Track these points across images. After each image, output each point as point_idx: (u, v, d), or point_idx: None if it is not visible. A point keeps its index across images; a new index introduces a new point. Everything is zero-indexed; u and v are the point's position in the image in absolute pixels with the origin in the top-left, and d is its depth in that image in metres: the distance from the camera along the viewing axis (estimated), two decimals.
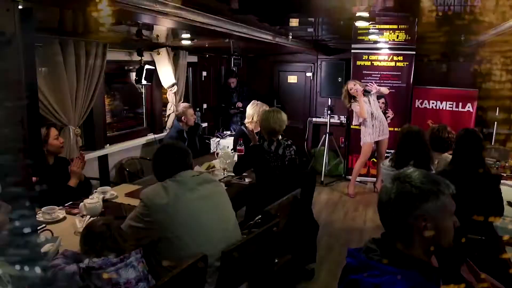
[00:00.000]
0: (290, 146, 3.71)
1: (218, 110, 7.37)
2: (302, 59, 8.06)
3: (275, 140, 3.68)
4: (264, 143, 3.70)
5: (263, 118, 3.73)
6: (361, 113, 6.08)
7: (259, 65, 8.40)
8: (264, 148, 3.67)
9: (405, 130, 3.80)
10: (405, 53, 6.72)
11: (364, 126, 6.28)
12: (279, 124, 3.68)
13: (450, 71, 7.29)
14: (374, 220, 5.61)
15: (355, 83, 6.13)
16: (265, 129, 3.72)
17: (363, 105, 6.05)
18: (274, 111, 3.76)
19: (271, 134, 3.70)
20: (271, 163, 3.63)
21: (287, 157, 3.65)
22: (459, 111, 6.71)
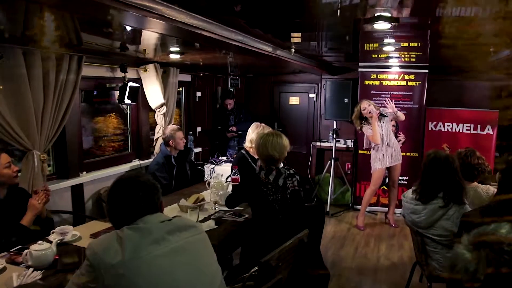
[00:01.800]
0: (293, 175, 3.10)
1: (214, 133, 6.77)
2: (304, 79, 7.52)
3: (275, 169, 3.07)
4: (261, 173, 3.09)
5: (259, 143, 3.12)
6: (374, 138, 5.48)
7: (258, 85, 7.85)
8: (261, 178, 3.05)
9: (431, 156, 3.18)
10: (417, 72, 6.16)
11: (375, 151, 5.67)
12: (279, 150, 3.08)
13: (466, 90, 6.73)
14: (388, 257, 4.95)
15: (369, 104, 5.56)
16: (262, 156, 3.12)
17: (376, 130, 5.45)
18: (273, 134, 3.16)
19: (269, 162, 3.10)
20: (269, 196, 3.00)
21: (289, 189, 3.03)
22: (477, 134, 6.10)
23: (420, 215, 3.15)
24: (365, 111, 5.49)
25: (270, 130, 3.51)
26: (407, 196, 3.34)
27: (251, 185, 3.07)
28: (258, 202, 3.04)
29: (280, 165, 3.16)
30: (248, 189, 3.08)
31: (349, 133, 7.16)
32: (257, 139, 3.20)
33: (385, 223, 6.12)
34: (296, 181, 3.09)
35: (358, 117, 5.59)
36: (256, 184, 3.03)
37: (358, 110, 5.56)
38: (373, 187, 5.78)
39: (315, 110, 7.54)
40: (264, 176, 3.04)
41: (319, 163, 7.45)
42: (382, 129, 5.56)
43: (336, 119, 6.68)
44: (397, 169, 5.76)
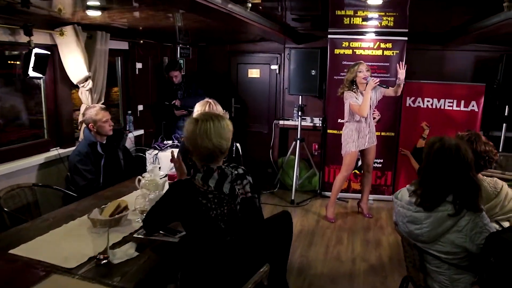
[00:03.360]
0: (243, 176, 2.20)
1: (160, 112, 5.75)
2: (266, 48, 6.56)
3: (216, 170, 2.16)
4: (197, 177, 2.14)
5: (194, 132, 2.16)
6: (362, 110, 4.63)
7: (212, 56, 6.84)
8: (197, 186, 2.12)
9: (436, 145, 2.34)
10: (395, 39, 5.35)
11: (348, 131, 4.84)
12: (219, 139, 2.15)
13: (448, 61, 5.98)
14: (365, 258, 4.20)
15: (368, 68, 4.73)
16: (199, 152, 2.17)
17: (368, 100, 4.63)
18: (212, 117, 2.20)
19: (209, 158, 2.18)
20: (210, 211, 2.08)
21: (238, 197, 2.13)
22: (461, 111, 5.38)
23: (421, 225, 2.33)
24: (361, 74, 4.65)
25: (208, 112, 2.57)
26: (401, 198, 2.51)
27: (182, 197, 2.13)
28: (194, 221, 2.11)
29: (222, 162, 2.25)
30: (178, 203, 2.14)
31: (316, 110, 6.31)
32: (190, 125, 2.19)
33: (357, 212, 5.39)
34: (248, 184, 2.19)
35: (350, 80, 4.73)
36: (190, 194, 2.10)
37: (354, 71, 4.69)
38: (345, 173, 4.99)
39: (278, 83, 6.63)
40: (202, 181, 2.11)
41: (282, 144, 6.60)
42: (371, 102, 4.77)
43: (302, 94, 5.81)
44: (372, 152, 4.99)
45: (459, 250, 2.27)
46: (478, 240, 2.22)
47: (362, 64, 4.68)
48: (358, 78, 4.66)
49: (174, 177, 2.70)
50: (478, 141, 2.90)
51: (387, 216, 5.33)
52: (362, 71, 4.63)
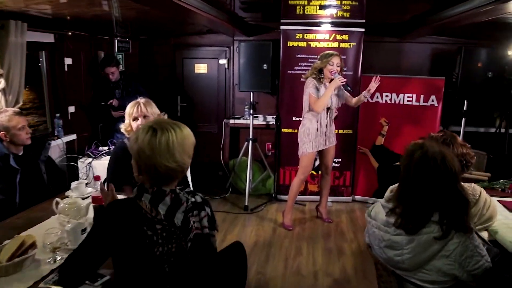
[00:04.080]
0: (201, 206, 1.71)
1: (95, 113, 5.11)
2: (213, 41, 6.04)
3: (169, 193, 1.66)
4: (144, 198, 1.64)
5: (146, 147, 1.62)
6: (318, 104, 4.22)
7: (155, 50, 6.24)
8: (143, 209, 1.63)
9: (416, 154, 1.95)
10: (351, 31, 5.00)
11: (305, 129, 4.44)
12: (183, 156, 1.67)
13: (405, 54, 5.72)
14: (328, 271, 3.81)
15: (339, 65, 4.27)
16: (151, 171, 1.65)
17: (327, 96, 4.23)
18: (170, 128, 1.67)
19: (162, 180, 1.67)
20: (155, 247, 1.59)
21: (191, 233, 1.64)
22: (420, 106, 5.12)
23: (402, 251, 1.94)
24: (331, 67, 4.21)
25: (164, 119, 2.05)
26: (375, 216, 2.10)
27: (122, 220, 1.62)
28: (132, 259, 1.60)
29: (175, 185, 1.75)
30: (116, 229, 1.62)
31: (269, 107, 5.88)
32: (146, 136, 1.64)
33: (316, 217, 5.02)
34: (206, 218, 1.69)
35: (318, 69, 4.29)
36: (133, 219, 1.60)
37: (325, 61, 4.23)
38: (302, 176, 4.59)
39: (227, 79, 6.14)
40: (150, 204, 1.62)
41: (233, 144, 6.13)
42: (331, 102, 4.37)
43: (253, 90, 5.35)
44: (331, 153, 4.61)
45: (447, 279, 1.90)
46: (469, 266, 1.85)
47: (336, 56, 4.24)
48: (326, 69, 4.25)
49: (99, 200, 2.17)
50: (455, 143, 2.56)
51: (348, 220, 4.99)
52: (333, 65, 4.21)
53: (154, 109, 2.95)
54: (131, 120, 2.93)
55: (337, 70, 4.20)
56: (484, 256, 1.89)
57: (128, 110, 2.92)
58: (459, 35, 5.35)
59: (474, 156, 2.61)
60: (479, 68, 4.90)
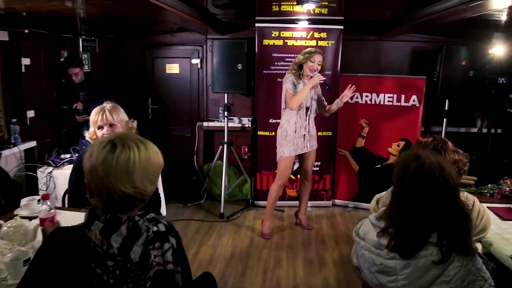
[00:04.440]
0: (164, 236, 1.41)
1: (58, 117, 4.74)
2: (185, 40, 5.74)
3: (125, 222, 1.37)
4: (93, 226, 1.35)
5: (100, 165, 1.32)
6: (293, 100, 4.01)
7: (124, 49, 5.89)
8: (92, 241, 1.33)
9: (411, 166, 1.70)
10: (330, 28, 4.78)
11: (282, 131, 4.21)
12: (144, 180, 1.37)
13: (385, 52, 5.54)
14: (309, 284, 3.59)
15: (321, 63, 4.04)
16: (103, 195, 1.34)
17: (303, 94, 4.00)
18: (133, 144, 1.37)
19: (118, 207, 1.37)
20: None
21: (152, 270, 1.34)
22: (401, 106, 4.94)
23: (397, 277, 1.70)
24: (311, 64, 3.97)
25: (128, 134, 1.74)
26: (364, 236, 1.86)
27: (63, 256, 1.32)
28: None
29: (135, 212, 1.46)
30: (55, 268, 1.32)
31: (245, 109, 5.62)
32: (102, 152, 1.34)
33: (296, 223, 4.78)
34: (170, 250, 1.39)
35: (299, 64, 4.07)
36: (78, 255, 1.31)
37: (306, 57, 4.00)
38: (280, 181, 4.34)
39: (200, 80, 5.84)
40: (101, 235, 1.34)
41: (208, 148, 5.84)
42: (308, 101, 4.13)
43: (227, 91, 5.08)
44: (311, 158, 4.38)
45: None
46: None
47: (319, 54, 4.01)
48: (306, 66, 4.01)
49: (50, 222, 1.86)
50: (447, 150, 2.36)
51: (328, 226, 4.78)
52: (314, 62, 3.98)
53: (121, 115, 2.65)
54: (96, 129, 2.63)
55: (317, 69, 3.97)
56: (487, 280, 1.67)
57: (92, 117, 2.62)
58: (439, 33, 5.20)
59: (467, 163, 2.41)
60: (461, 67, 4.76)
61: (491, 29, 4.89)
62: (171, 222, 1.54)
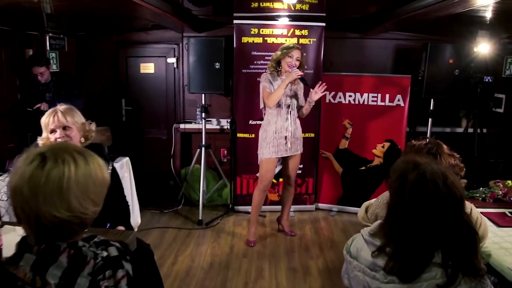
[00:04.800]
0: (116, 262, 1.15)
1: (21, 120, 4.42)
2: (160, 38, 5.48)
3: (65, 250, 1.10)
4: (22, 262, 1.06)
5: (25, 182, 1.06)
6: (270, 98, 3.83)
7: (95, 48, 5.58)
8: (19, 284, 1.04)
9: (411, 176, 1.47)
10: (311, 25, 4.59)
11: (263, 132, 4.01)
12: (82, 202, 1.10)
13: (368, 50, 5.38)
14: None
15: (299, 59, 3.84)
16: (30, 219, 1.07)
17: (281, 90, 3.78)
18: (70, 158, 1.10)
19: (51, 233, 1.10)
20: None
21: None
22: (386, 106, 4.77)
23: None
24: (289, 59, 3.78)
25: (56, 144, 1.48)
26: (357, 255, 1.63)
27: None
28: None
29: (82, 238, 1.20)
30: None
31: (223, 110, 5.39)
32: (28, 167, 1.07)
33: (278, 230, 4.56)
34: (124, 278, 1.14)
35: (276, 61, 3.88)
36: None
37: (284, 53, 3.81)
38: (261, 185, 4.12)
39: (177, 80, 5.58)
40: (33, 272, 1.06)
41: (185, 151, 5.59)
42: (288, 98, 3.91)
43: (205, 92, 4.83)
44: (295, 162, 4.16)
45: None
46: None
47: (297, 50, 3.82)
48: (284, 62, 3.82)
49: None
50: (442, 154, 2.17)
51: (312, 231, 4.58)
52: (292, 58, 3.78)
53: (77, 118, 2.40)
54: (49, 133, 2.36)
55: (295, 65, 3.77)
56: None
57: (43, 120, 2.36)
58: (423, 31, 5.07)
59: (463, 168, 2.22)
60: (446, 66, 4.62)
61: (476, 26, 4.77)
62: (126, 242, 1.29)
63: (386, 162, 4.85)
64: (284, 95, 3.83)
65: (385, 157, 4.85)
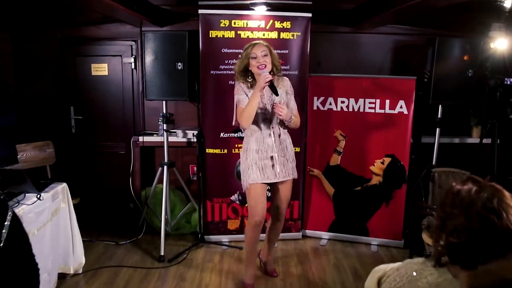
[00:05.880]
0: None
1: None
2: (114, 34, 4.59)
3: None
4: None
5: None
6: (242, 115, 2.96)
7: (37, 46, 4.63)
8: None
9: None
10: (295, 16, 3.74)
11: (243, 152, 3.15)
12: None
13: (363, 47, 4.56)
14: None
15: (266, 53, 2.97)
16: None
17: (254, 103, 2.90)
18: None
19: None
20: None
21: None
22: (385, 114, 3.96)
23: None
24: (254, 61, 2.93)
25: None
26: None
27: None
28: None
29: None
30: None
31: (191, 119, 4.51)
32: None
33: (259, 265, 3.67)
34: None
35: (242, 70, 3.03)
36: None
37: (245, 56, 2.99)
38: (252, 221, 3.14)
39: (136, 83, 4.69)
40: None
41: (147, 168, 4.69)
42: (265, 110, 3.03)
43: (165, 98, 3.94)
44: (285, 190, 3.22)
45: None
46: None
47: (257, 45, 2.97)
48: (252, 67, 2.96)
49: None
50: (507, 209, 1.32)
51: (298, 269, 3.72)
52: (256, 57, 2.93)
53: None
54: None
55: (264, 62, 2.89)
56: None
57: None
58: (427, 23, 4.28)
59: None
60: (458, 65, 3.81)
61: (490, 19, 4.00)
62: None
63: (387, 181, 4.04)
64: (261, 106, 2.97)
65: (385, 175, 4.04)
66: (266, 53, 2.91)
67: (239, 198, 4.12)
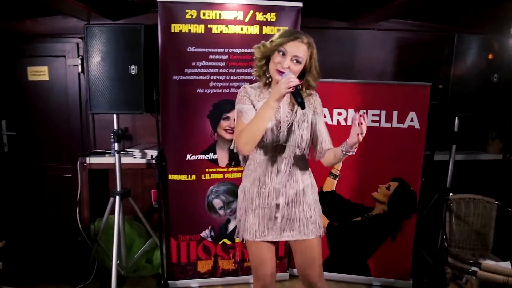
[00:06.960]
0: None
1: None
2: (56, 29, 3.71)
3: None
4: None
5: None
6: (240, 136, 1.98)
7: None
8: None
9: None
10: (282, 6, 2.95)
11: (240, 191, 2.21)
12: None
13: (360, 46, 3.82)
14: None
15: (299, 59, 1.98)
16: None
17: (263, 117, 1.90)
18: None
19: None
20: None
21: None
22: (392, 129, 3.20)
23: None
24: (281, 60, 1.97)
25: None
26: None
27: None
28: None
29: None
30: None
31: (151, 133, 3.64)
32: None
33: None
34: None
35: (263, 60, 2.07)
36: None
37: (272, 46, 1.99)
38: (258, 284, 2.21)
39: (83, 90, 3.82)
40: None
41: (96, 196, 3.81)
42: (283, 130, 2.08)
43: (114, 111, 3.09)
44: (309, 251, 2.27)
45: None
46: None
47: (296, 41, 1.98)
48: (272, 63, 2.04)
49: None
50: None
51: None
52: (285, 55, 1.99)
53: None
54: None
55: (289, 67, 1.97)
56: None
57: None
58: (436, 18, 3.56)
59: None
60: (480, 68, 3.10)
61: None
62: None
63: (393, 210, 3.29)
64: (272, 125, 2.06)
65: (391, 203, 3.29)
66: (301, 60, 2.02)
67: (211, 234, 3.30)
